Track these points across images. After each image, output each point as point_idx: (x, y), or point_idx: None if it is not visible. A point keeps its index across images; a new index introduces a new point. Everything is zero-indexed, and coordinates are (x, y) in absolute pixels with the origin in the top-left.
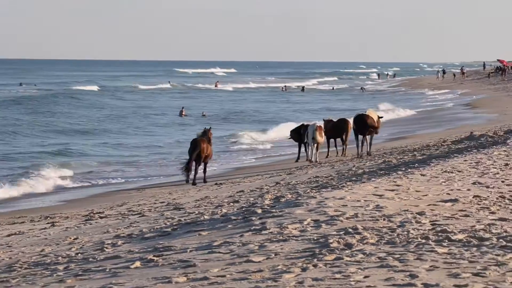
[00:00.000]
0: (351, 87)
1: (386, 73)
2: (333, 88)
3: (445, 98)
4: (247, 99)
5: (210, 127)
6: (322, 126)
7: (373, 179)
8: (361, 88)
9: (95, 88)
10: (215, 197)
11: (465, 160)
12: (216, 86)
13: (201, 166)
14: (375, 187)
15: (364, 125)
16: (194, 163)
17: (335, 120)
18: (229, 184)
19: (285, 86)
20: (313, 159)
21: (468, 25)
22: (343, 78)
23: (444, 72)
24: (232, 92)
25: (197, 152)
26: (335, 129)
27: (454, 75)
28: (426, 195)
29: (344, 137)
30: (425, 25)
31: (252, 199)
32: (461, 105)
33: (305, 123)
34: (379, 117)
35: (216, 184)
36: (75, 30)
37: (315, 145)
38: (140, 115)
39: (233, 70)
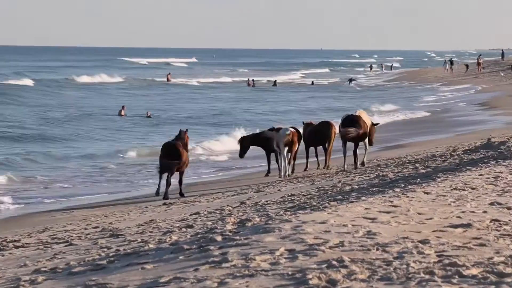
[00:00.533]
0: (341, 80)
1: (381, 64)
2: (312, 83)
3: (455, 96)
4: (205, 96)
5: (187, 129)
6: (299, 130)
7: (363, 198)
8: (349, 80)
9: (29, 82)
10: (162, 220)
11: (481, 175)
12: (168, 79)
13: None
14: (366, 208)
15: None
16: (166, 173)
17: (316, 123)
18: (181, 204)
19: (252, 80)
20: (282, 173)
21: (484, 6)
22: (337, 70)
23: (452, 62)
24: (187, 87)
25: (177, 162)
26: (315, 135)
27: (467, 66)
28: (430, 219)
29: (327, 144)
30: (434, 6)
31: (210, 223)
32: (474, 104)
33: (276, 127)
34: (373, 124)
35: (164, 204)
36: None
37: (288, 154)
38: (74, 115)
39: (193, 60)
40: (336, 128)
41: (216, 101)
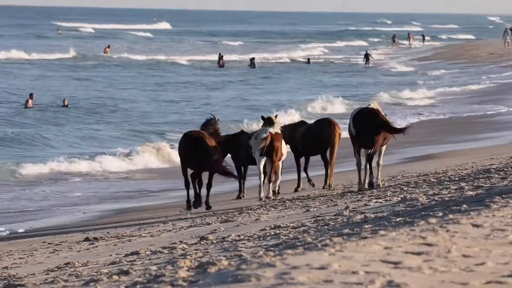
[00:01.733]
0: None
1: (408, 34)
2: (308, 61)
3: None
4: (150, 80)
5: (217, 118)
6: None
7: (382, 232)
8: (366, 56)
9: None
10: (83, 264)
11: None
12: (105, 52)
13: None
14: (386, 248)
15: (372, 129)
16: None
17: (310, 122)
18: (111, 240)
19: (222, 58)
20: (262, 194)
21: None
22: (360, 43)
23: None
24: (131, 64)
25: (210, 159)
26: (310, 139)
27: None
28: (482, 264)
29: (328, 153)
30: None
31: (154, 268)
32: None
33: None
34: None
35: (87, 239)
36: None
37: (270, 166)
38: None
39: (166, 27)
40: (341, 128)
41: (158, 86)
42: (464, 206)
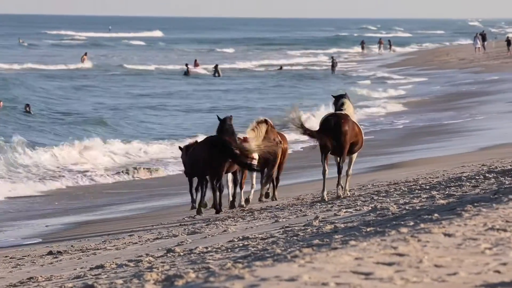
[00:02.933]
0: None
1: (380, 40)
2: (280, 68)
3: (485, 90)
4: (122, 88)
5: (231, 116)
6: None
7: (352, 242)
8: (332, 61)
9: None
10: (47, 278)
11: None
12: (82, 61)
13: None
14: (356, 258)
15: (338, 135)
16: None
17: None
18: (75, 253)
19: (186, 65)
20: (237, 203)
21: None
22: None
23: (484, 38)
24: (107, 72)
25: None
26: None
27: (509, 42)
28: (454, 274)
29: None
30: None
31: (121, 281)
32: (511, 102)
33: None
34: (357, 126)
35: (50, 253)
36: None
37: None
38: None
39: (158, 34)
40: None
41: (117, 98)
42: (436, 215)
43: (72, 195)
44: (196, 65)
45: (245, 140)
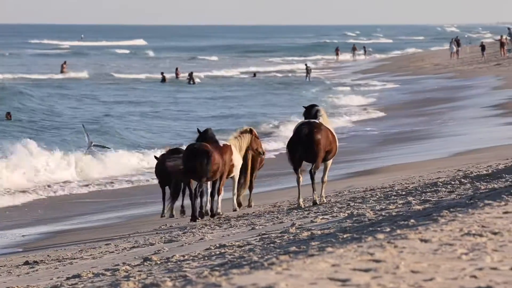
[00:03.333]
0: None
1: (354, 46)
2: (254, 75)
3: (460, 96)
4: (99, 95)
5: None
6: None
7: (329, 249)
8: (306, 68)
9: None
10: None
11: (506, 212)
12: (62, 71)
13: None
14: (333, 265)
15: (311, 143)
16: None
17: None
18: (52, 263)
19: (162, 74)
20: (214, 211)
21: None
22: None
23: (458, 43)
24: (85, 82)
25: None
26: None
27: (483, 47)
28: (431, 280)
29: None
30: None
31: None
32: (485, 107)
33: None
34: (331, 133)
35: (27, 263)
36: None
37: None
38: None
39: (140, 43)
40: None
41: (94, 105)
42: (412, 220)
43: (48, 205)
44: (177, 74)
45: (225, 147)
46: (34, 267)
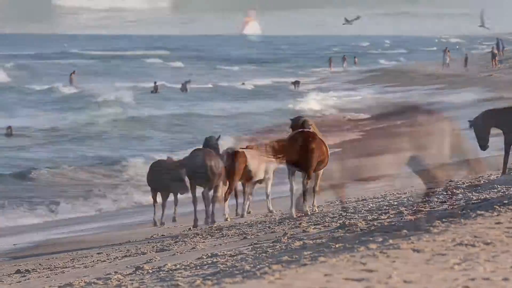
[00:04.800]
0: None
1: (344, 56)
2: (242, 83)
3: (446, 107)
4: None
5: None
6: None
7: (321, 258)
8: (294, 82)
9: None
10: None
11: (499, 223)
12: (71, 78)
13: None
14: (326, 275)
15: (304, 152)
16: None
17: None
18: (44, 271)
19: (154, 85)
20: (209, 220)
21: None
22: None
23: (444, 53)
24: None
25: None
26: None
27: (466, 59)
28: None
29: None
30: None
31: None
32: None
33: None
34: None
35: (18, 271)
36: None
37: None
38: None
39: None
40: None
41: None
42: (404, 231)
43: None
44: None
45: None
46: (26, 276)
